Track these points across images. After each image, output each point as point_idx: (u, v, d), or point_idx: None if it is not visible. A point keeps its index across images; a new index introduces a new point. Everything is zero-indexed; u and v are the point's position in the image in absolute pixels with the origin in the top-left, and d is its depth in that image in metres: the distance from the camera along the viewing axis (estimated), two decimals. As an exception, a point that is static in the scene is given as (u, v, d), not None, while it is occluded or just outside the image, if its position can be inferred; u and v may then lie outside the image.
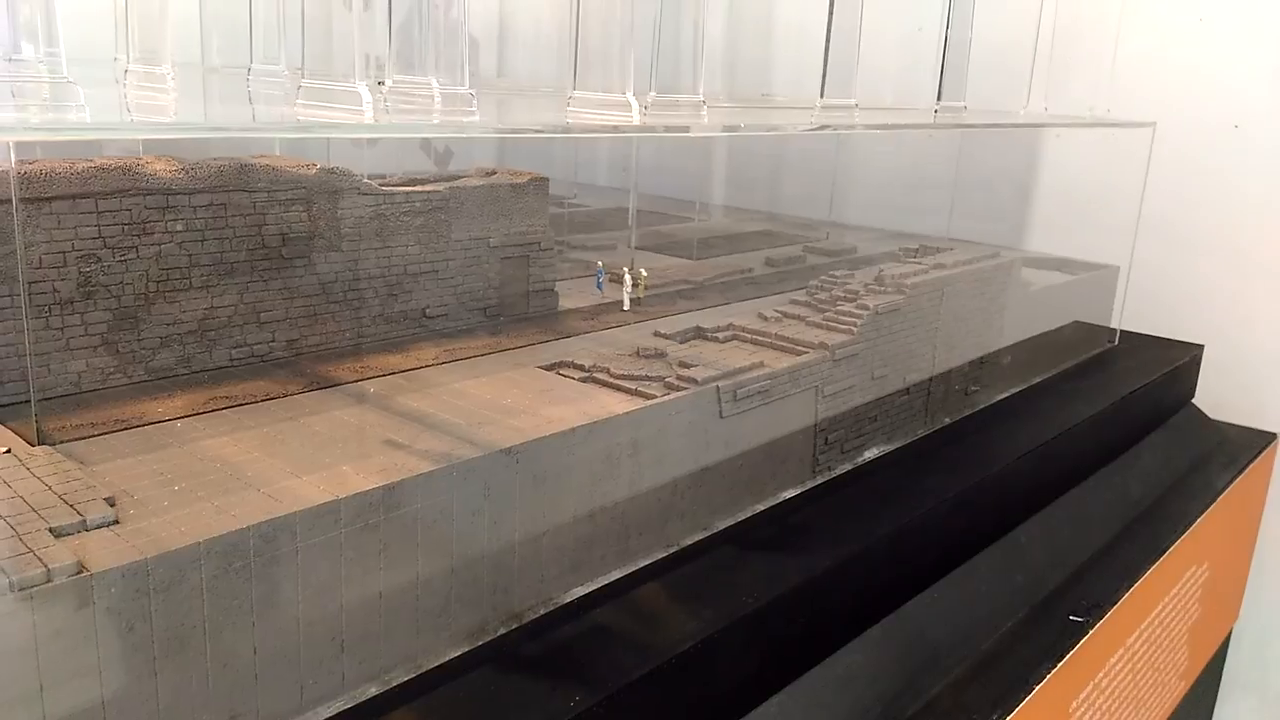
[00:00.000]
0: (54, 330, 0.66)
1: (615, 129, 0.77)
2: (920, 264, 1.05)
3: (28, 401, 0.61)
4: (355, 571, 0.53)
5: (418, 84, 0.73)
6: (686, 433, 0.73)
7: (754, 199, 1.72)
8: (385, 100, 0.66)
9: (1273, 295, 1.39)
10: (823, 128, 0.94)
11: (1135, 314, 1.37)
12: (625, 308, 0.99)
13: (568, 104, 0.79)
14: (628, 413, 0.69)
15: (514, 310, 0.93)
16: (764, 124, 1.03)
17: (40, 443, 0.58)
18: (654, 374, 0.77)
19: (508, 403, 0.70)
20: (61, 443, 0.59)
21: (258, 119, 0.69)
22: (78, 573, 0.44)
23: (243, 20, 0.94)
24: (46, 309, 0.65)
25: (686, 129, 0.82)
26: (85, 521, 0.48)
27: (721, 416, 0.76)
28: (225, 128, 0.56)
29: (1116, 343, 1.33)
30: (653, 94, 0.80)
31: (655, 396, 0.73)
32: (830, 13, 1.00)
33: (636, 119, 0.76)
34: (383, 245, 0.83)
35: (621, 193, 1.46)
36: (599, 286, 1.04)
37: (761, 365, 0.81)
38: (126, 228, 0.69)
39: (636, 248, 1.28)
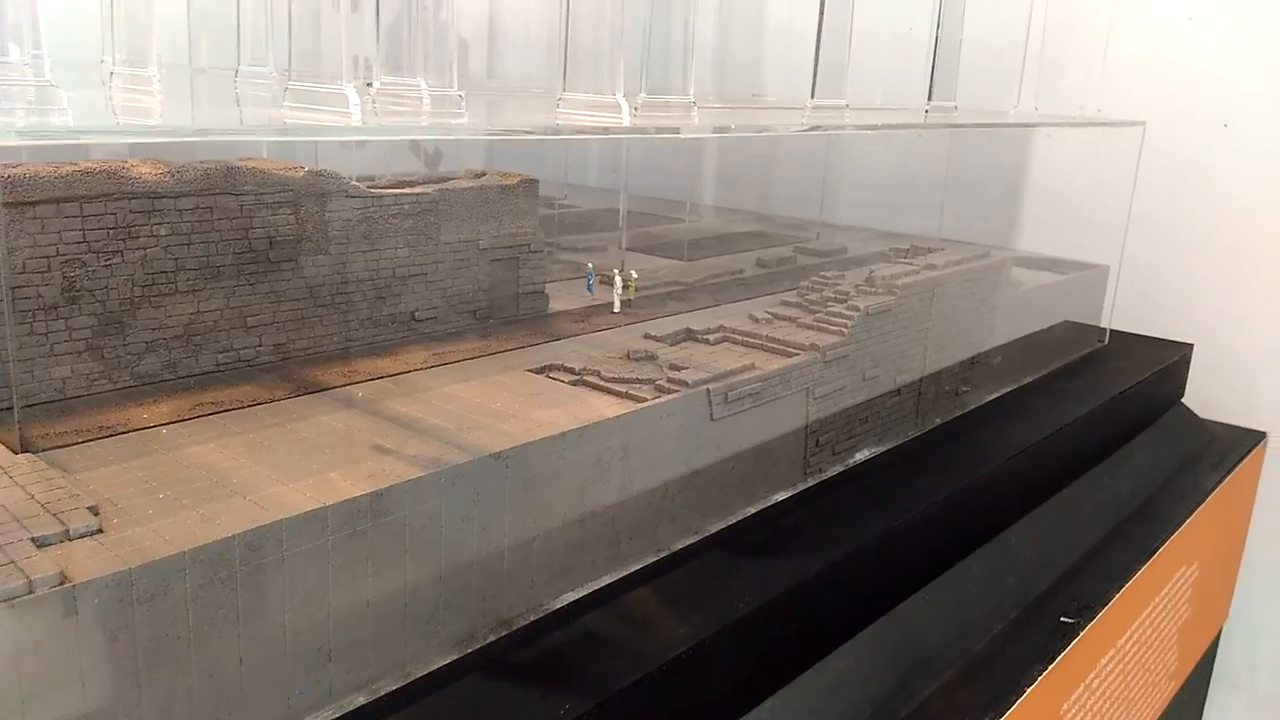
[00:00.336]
0: (38, 336, 0.65)
1: (605, 131, 0.76)
2: (911, 264, 1.05)
3: (10, 408, 0.61)
4: (343, 579, 0.53)
5: (406, 85, 0.73)
6: (677, 436, 0.73)
7: (744, 199, 1.72)
8: (373, 102, 0.66)
9: (1262, 293, 1.39)
10: (813, 128, 0.94)
11: (1125, 312, 1.37)
12: (615, 310, 0.99)
13: (557, 105, 0.78)
14: (618, 416, 0.68)
15: (504, 313, 0.93)
16: (754, 125, 1.03)
17: (23, 450, 0.58)
18: (644, 377, 0.77)
19: (497, 407, 0.70)
20: (45, 450, 0.58)
21: (245, 122, 0.69)
22: (60, 583, 0.44)
23: (230, 21, 0.93)
24: (30, 314, 0.65)
25: (677, 130, 0.82)
26: (68, 531, 0.48)
27: (712, 419, 0.75)
28: (210, 131, 0.56)
29: (1106, 342, 1.33)
30: (643, 95, 0.80)
31: (646, 399, 0.73)
32: (821, 13, 0.99)
33: (626, 121, 0.76)
34: (371, 248, 0.82)
35: (612, 193, 1.46)
36: (589, 288, 1.04)
37: (753, 367, 0.81)
38: (111, 232, 0.68)
39: (627, 249, 1.28)
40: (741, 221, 1.64)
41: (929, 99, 1.14)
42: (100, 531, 0.48)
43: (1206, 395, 1.35)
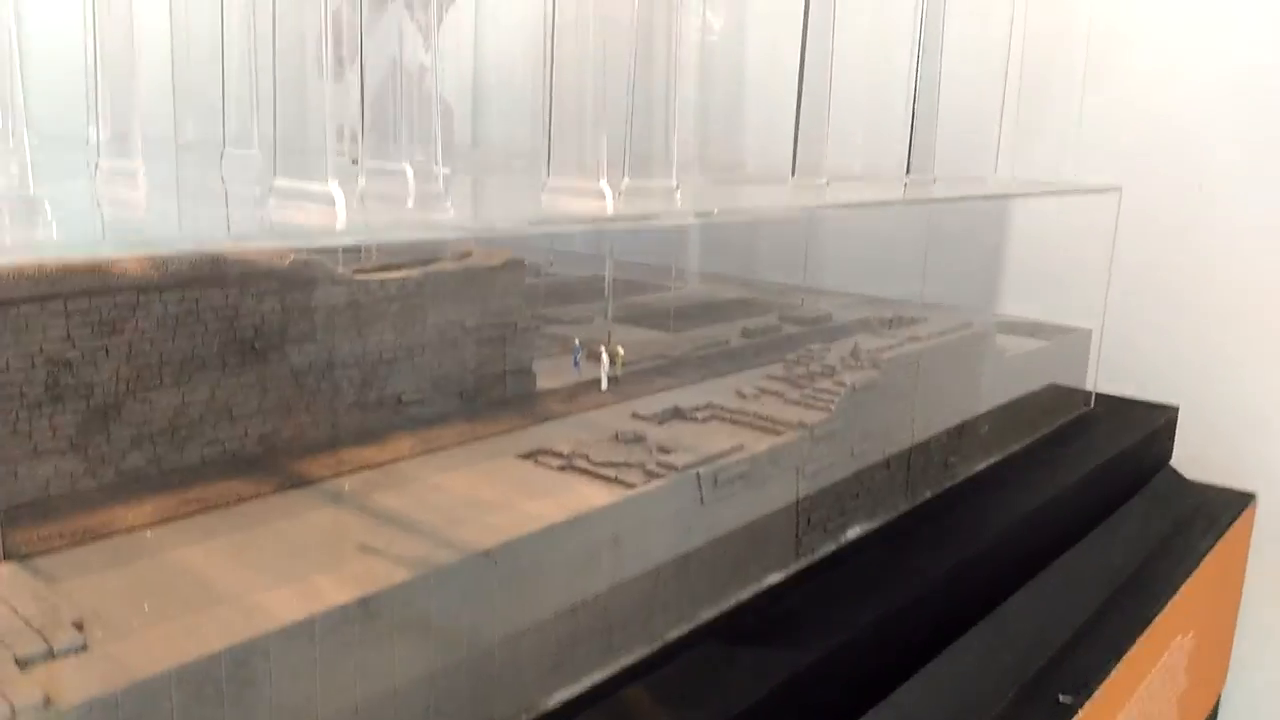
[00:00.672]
0: (21, 435, 0.65)
1: (591, 220, 0.77)
2: (895, 337, 1.05)
3: (-6, 511, 0.60)
4: (331, 689, 0.52)
5: (391, 171, 0.73)
6: (668, 522, 0.72)
7: (728, 265, 1.73)
8: (360, 198, 0.66)
9: (1244, 352, 1.40)
10: (794, 210, 0.94)
11: (1109, 371, 1.38)
12: (603, 388, 0.99)
13: (542, 191, 0.79)
14: (608, 506, 0.68)
15: (491, 393, 0.93)
16: (736, 209, 1.03)
17: (6, 557, 0.57)
18: (633, 460, 0.77)
19: (486, 497, 0.69)
20: (28, 556, 0.57)
21: (231, 223, 0.69)
22: (45, 707, 0.43)
23: (213, 87, 0.93)
24: (14, 413, 0.64)
25: (659, 216, 0.82)
26: (52, 649, 0.47)
27: (702, 503, 0.75)
28: (197, 240, 0.55)
29: (1092, 406, 1.33)
30: (626, 180, 0.80)
31: (635, 484, 0.72)
32: (800, 90, 1.01)
33: (610, 208, 0.77)
34: (357, 335, 0.82)
35: (597, 259, 1.46)
36: (576, 365, 1.04)
37: (741, 448, 0.80)
38: (96, 327, 0.68)
39: (613, 320, 1.28)
40: (726, 287, 1.65)
41: (907, 171, 1.15)
42: (85, 648, 0.47)
43: (1194, 456, 1.35)
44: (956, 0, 1.17)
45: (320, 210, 0.60)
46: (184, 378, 0.72)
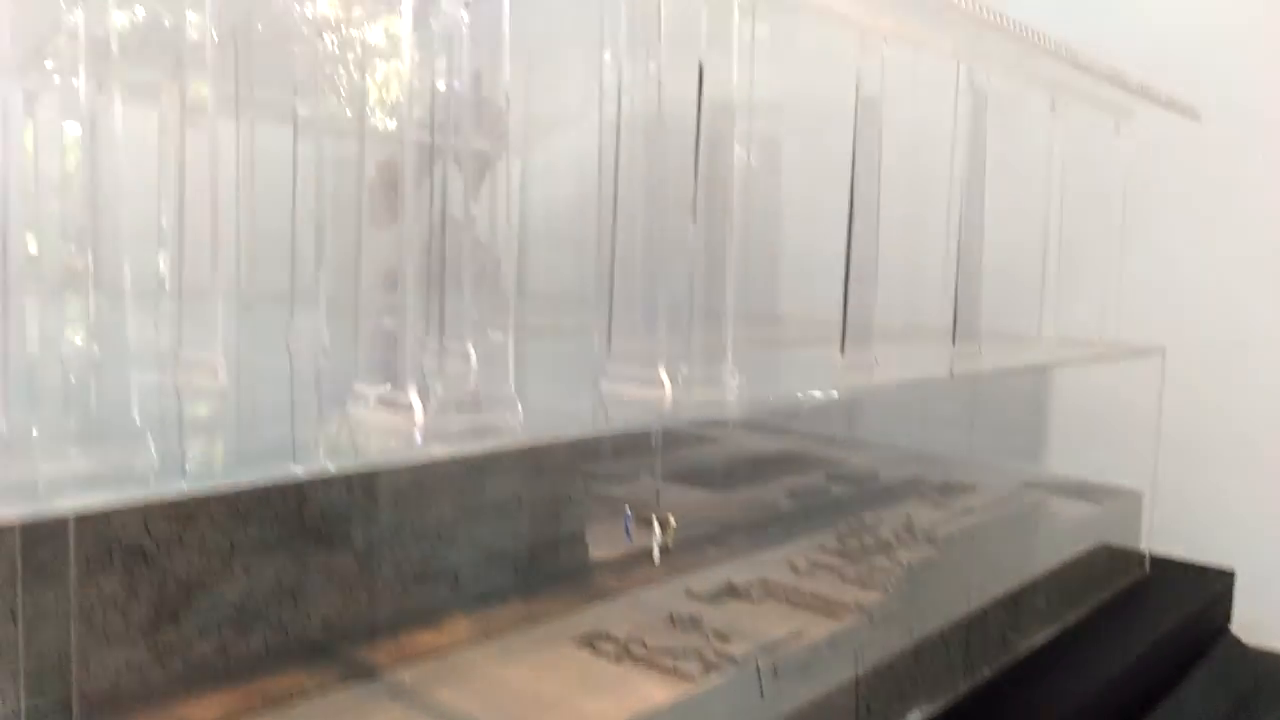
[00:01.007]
0: (95, 629, 0.66)
1: (649, 414, 0.78)
2: (949, 509, 1.05)
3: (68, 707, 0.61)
4: None
5: (458, 369, 0.75)
6: (728, 718, 0.72)
7: (771, 415, 1.73)
8: (435, 408, 0.68)
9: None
10: (842, 392, 0.96)
11: (1160, 533, 1.36)
12: (655, 561, 0.99)
13: (602, 376, 0.81)
14: (668, 706, 0.67)
15: (544, 566, 0.93)
16: (788, 398, 1.03)
17: (79, 765, 0.57)
18: (690, 646, 0.77)
19: (546, 694, 0.69)
20: (101, 764, 0.58)
21: (316, 439, 0.70)
22: None
23: (271, 240, 0.96)
24: (90, 607, 0.66)
25: (715, 404, 0.84)
26: None
27: (762, 696, 0.74)
28: (272, 479, 0.57)
29: (1148, 570, 1.31)
30: (684, 368, 0.82)
31: (693, 675, 0.72)
32: (848, 255, 1.03)
33: (669, 398, 0.78)
34: (418, 516, 0.84)
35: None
36: (627, 533, 1.04)
37: (800, 634, 0.80)
38: (171, 520, 0.70)
39: (662, 479, 1.29)
40: (770, 438, 1.65)
41: (954, 338, 1.16)
42: None
43: (1253, 620, 1.32)
44: (995, 161, 1.21)
45: (400, 417, 0.63)
46: (252, 564, 0.73)
